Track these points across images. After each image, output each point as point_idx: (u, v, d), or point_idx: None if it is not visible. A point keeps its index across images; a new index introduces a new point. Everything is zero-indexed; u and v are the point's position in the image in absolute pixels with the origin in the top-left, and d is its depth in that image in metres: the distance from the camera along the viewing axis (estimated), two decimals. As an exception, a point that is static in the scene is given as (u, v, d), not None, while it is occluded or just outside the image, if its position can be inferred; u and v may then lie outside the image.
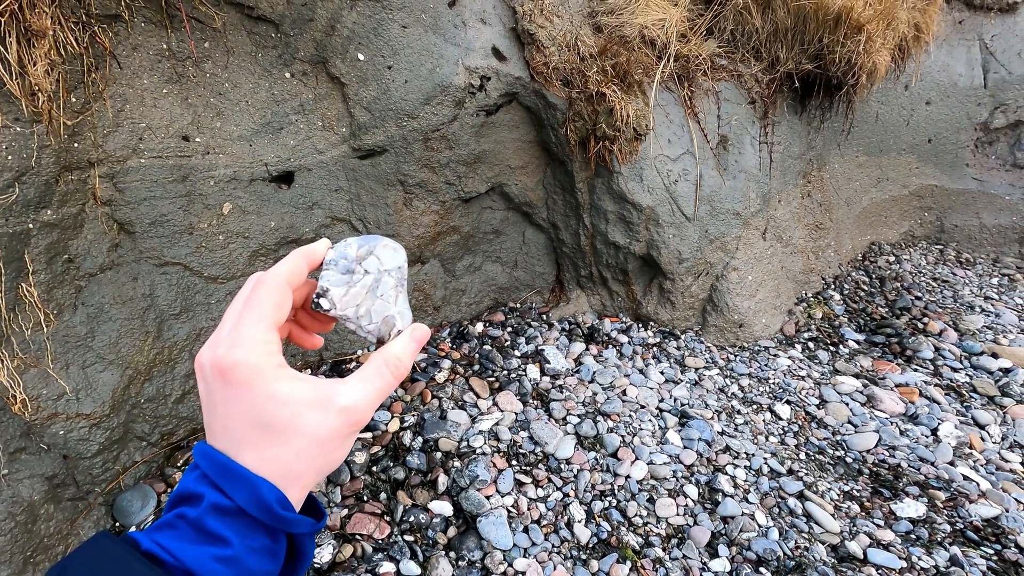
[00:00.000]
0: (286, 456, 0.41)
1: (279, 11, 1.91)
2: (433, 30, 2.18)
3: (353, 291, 0.49)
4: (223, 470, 0.40)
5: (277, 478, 0.41)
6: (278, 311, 0.44)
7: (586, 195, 2.67)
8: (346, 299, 0.48)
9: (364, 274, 0.49)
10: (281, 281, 0.45)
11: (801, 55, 2.79)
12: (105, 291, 1.71)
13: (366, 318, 0.49)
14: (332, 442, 0.43)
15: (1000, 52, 3.98)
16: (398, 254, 0.51)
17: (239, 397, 0.41)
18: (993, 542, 1.81)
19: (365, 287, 0.49)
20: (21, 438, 1.51)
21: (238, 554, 0.39)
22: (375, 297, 0.49)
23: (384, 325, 0.50)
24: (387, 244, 0.51)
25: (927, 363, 2.73)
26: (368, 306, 0.49)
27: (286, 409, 0.41)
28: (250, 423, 0.41)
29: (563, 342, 2.61)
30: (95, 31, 1.57)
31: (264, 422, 0.41)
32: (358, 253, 0.49)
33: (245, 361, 0.41)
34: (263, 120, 1.99)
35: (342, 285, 0.48)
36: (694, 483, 1.94)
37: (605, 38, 2.54)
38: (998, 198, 4.07)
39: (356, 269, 0.49)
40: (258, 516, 0.39)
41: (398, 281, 0.51)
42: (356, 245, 0.50)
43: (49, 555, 1.53)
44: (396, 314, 0.50)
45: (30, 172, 1.48)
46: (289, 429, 0.41)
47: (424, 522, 1.74)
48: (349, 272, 0.49)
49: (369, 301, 0.49)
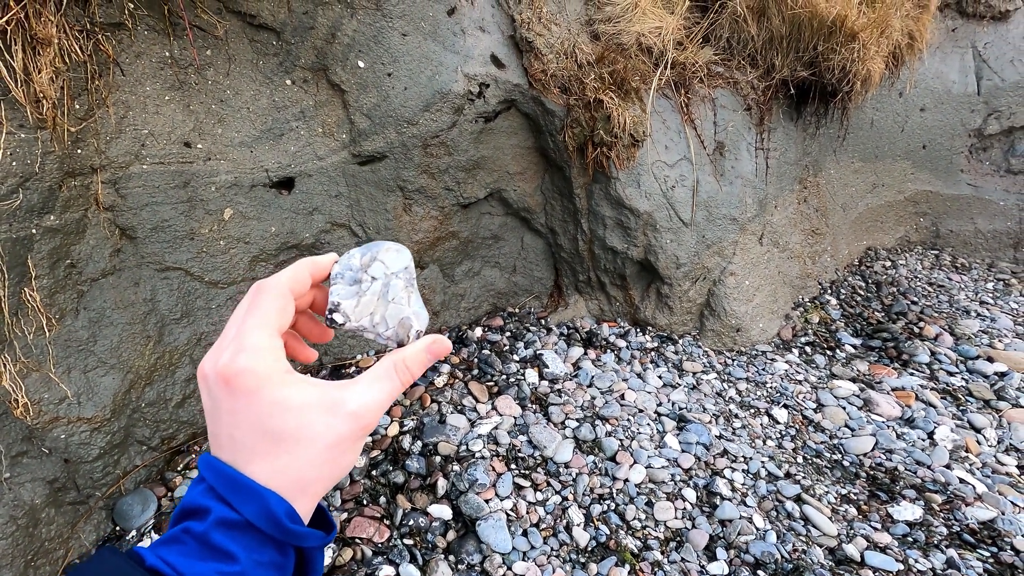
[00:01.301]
0: (296, 465, 0.40)
1: (280, 19, 1.93)
2: (432, 38, 2.21)
3: (364, 300, 0.48)
4: (230, 483, 0.39)
5: (286, 489, 0.40)
6: (281, 316, 0.44)
7: (584, 201, 2.69)
8: (359, 310, 0.48)
9: (372, 281, 0.48)
10: (283, 287, 0.45)
11: (796, 62, 2.82)
12: (107, 296, 1.73)
13: (382, 325, 0.48)
14: (342, 447, 0.42)
15: (993, 59, 4.03)
16: (402, 255, 0.50)
17: (245, 406, 0.40)
18: (989, 544, 1.82)
19: (375, 294, 0.48)
20: (23, 442, 1.52)
21: (245, 569, 0.38)
22: (387, 302, 0.48)
23: (401, 328, 0.49)
24: (390, 247, 0.50)
25: (923, 367, 2.75)
26: (382, 312, 0.48)
27: (294, 416, 0.40)
28: (258, 432, 0.40)
29: (561, 347, 2.62)
30: (99, 39, 1.59)
31: (272, 430, 0.40)
32: (362, 261, 0.49)
33: (250, 368, 0.40)
34: (264, 127, 2.01)
35: (352, 297, 0.48)
36: (692, 486, 1.95)
37: (602, 46, 2.57)
38: (992, 203, 4.11)
39: (363, 278, 0.48)
40: (267, 530, 0.38)
41: (407, 282, 0.50)
42: (359, 254, 0.49)
43: (50, 559, 1.53)
44: (411, 315, 0.49)
45: (34, 178, 1.50)
46: (298, 436, 0.40)
47: (423, 526, 1.74)
48: (356, 282, 0.48)
49: (382, 307, 0.48)
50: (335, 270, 0.49)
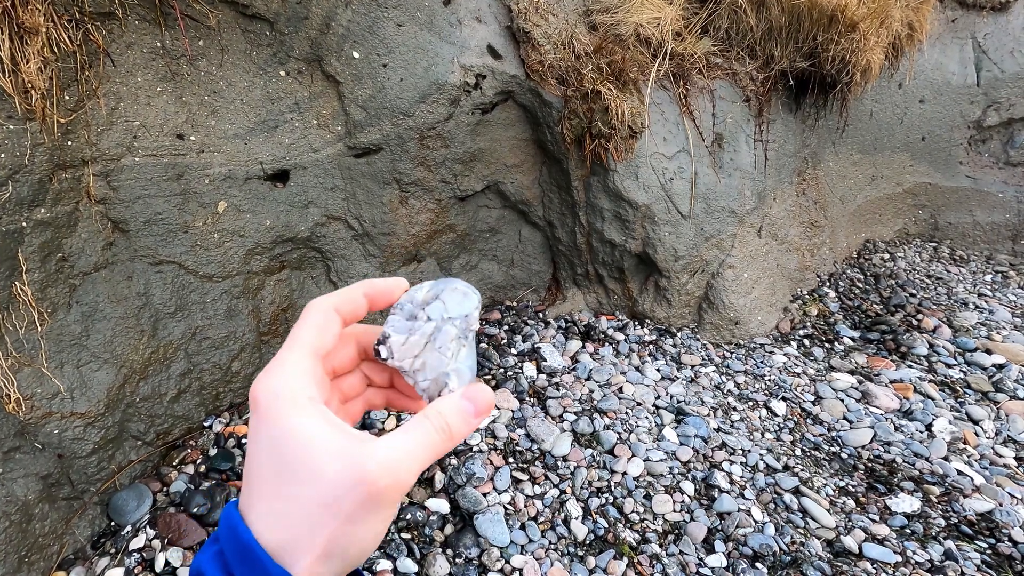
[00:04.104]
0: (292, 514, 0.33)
1: (274, 9, 1.91)
2: (428, 28, 2.18)
3: (412, 340, 0.43)
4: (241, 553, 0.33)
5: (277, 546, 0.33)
6: (319, 336, 0.39)
7: (582, 193, 2.67)
8: (404, 348, 0.43)
9: (426, 321, 0.43)
10: (327, 306, 0.40)
11: (795, 53, 2.80)
12: (99, 290, 1.71)
13: (422, 372, 0.43)
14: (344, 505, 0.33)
15: (993, 50, 4.01)
16: (468, 300, 0.44)
17: (260, 431, 0.35)
18: (987, 536, 1.82)
19: (424, 336, 0.43)
20: (15, 437, 1.50)
21: None
22: (433, 348, 0.43)
23: (434, 384, 0.43)
24: (457, 287, 0.44)
25: (921, 359, 2.75)
26: (425, 358, 0.43)
27: (301, 451, 0.34)
28: (266, 465, 0.35)
29: (560, 340, 2.61)
30: (88, 28, 1.56)
31: (278, 465, 0.34)
32: (425, 297, 0.44)
33: (271, 387, 0.36)
34: (258, 118, 1.98)
35: (403, 332, 0.43)
36: (690, 479, 1.95)
37: (600, 36, 2.54)
38: (991, 195, 4.10)
39: (419, 315, 0.43)
40: None
41: (462, 332, 0.44)
42: (427, 288, 0.44)
43: (44, 554, 1.52)
44: (451, 371, 0.43)
45: (23, 170, 1.48)
46: (299, 475, 0.33)
47: (421, 519, 1.74)
48: (412, 318, 0.43)
49: (427, 353, 0.43)
50: (402, 299, 0.44)
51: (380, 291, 0.44)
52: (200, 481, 1.82)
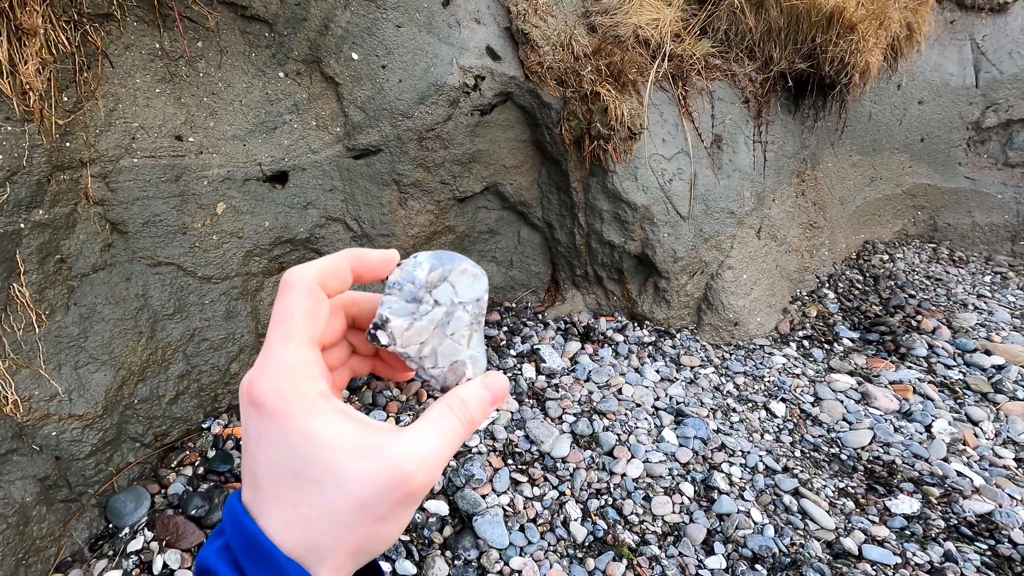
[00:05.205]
0: (316, 519, 0.32)
1: (272, 10, 1.90)
2: (427, 29, 2.18)
3: (418, 325, 0.40)
4: (249, 546, 0.32)
5: (300, 552, 0.32)
6: (311, 321, 0.36)
7: (581, 194, 2.67)
8: (408, 334, 0.39)
9: (434, 305, 0.40)
10: (310, 282, 0.36)
11: (794, 54, 2.80)
12: (98, 291, 1.70)
13: (430, 359, 0.40)
14: (378, 507, 0.32)
15: (991, 52, 4.01)
16: (478, 283, 0.42)
17: (270, 435, 0.33)
18: (987, 537, 1.82)
19: (433, 322, 0.40)
20: (13, 439, 1.50)
21: None
22: (444, 336, 0.40)
23: (451, 373, 0.41)
24: (466, 268, 0.41)
25: (921, 360, 2.75)
26: (434, 345, 0.40)
27: (323, 454, 0.32)
28: (279, 469, 0.33)
29: (559, 341, 2.61)
30: (87, 30, 1.56)
31: (295, 469, 0.33)
32: (429, 277, 0.40)
33: (275, 389, 0.33)
34: (257, 120, 1.98)
35: (405, 316, 0.39)
36: (690, 481, 1.95)
37: (599, 38, 2.54)
38: (990, 197, 4.10)
39: (424, 298, 0.40)
40: None
41: (474, 317, 0.41)
42: (428, 266, 0.40)
43: (41, 557, 1.52)
44: (467, 359, 0.41)
45: (21, 171, 1.47)
46: (323, 481, 0.32)
47: (420, 521, 1.73)
48: (416, 300, 0.40)
49: (436, 339, 0.40)
50: (395, 276, 0.40)
51: (368, 265, 0.40)
52: (198, 483, 1.81)
